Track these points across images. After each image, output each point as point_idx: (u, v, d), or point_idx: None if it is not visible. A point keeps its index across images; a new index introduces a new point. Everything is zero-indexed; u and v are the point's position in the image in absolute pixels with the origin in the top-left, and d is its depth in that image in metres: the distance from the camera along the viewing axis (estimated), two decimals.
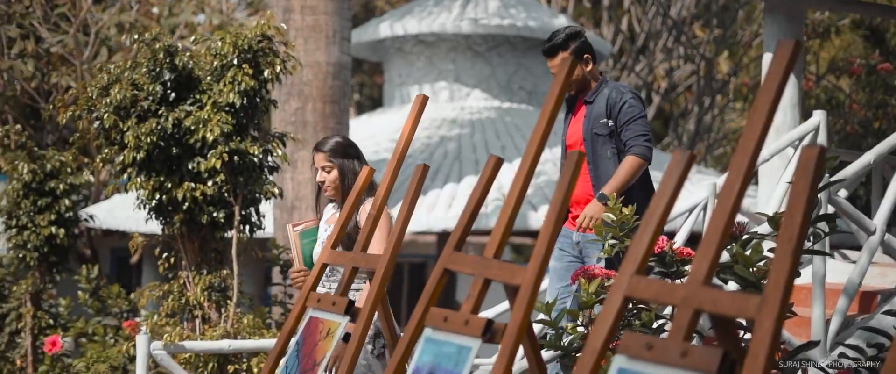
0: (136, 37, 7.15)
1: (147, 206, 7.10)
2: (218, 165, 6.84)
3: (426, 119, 14.22)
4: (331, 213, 5.33)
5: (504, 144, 13.71)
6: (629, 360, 2.79)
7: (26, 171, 10.15)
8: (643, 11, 22.08)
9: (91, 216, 11.25)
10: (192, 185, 6.91)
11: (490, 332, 3.29)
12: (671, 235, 6.13)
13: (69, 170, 10.38)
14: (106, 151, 7.04)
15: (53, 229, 10.17)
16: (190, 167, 6.94)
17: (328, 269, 5.09)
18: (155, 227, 7.59)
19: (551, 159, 13.01)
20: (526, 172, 3.50)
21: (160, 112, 6.91)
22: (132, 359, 8.41)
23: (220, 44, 6.95)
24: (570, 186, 3.26)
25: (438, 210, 11.82)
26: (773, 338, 2.48)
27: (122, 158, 6.93)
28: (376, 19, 16.44)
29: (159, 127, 6.82)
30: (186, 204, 6.91)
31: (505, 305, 6.49)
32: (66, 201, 10.32)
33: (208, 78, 7.03)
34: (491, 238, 3.53)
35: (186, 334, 6.87)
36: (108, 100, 6.90)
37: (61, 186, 10.26)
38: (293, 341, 4.39)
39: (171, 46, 6.93)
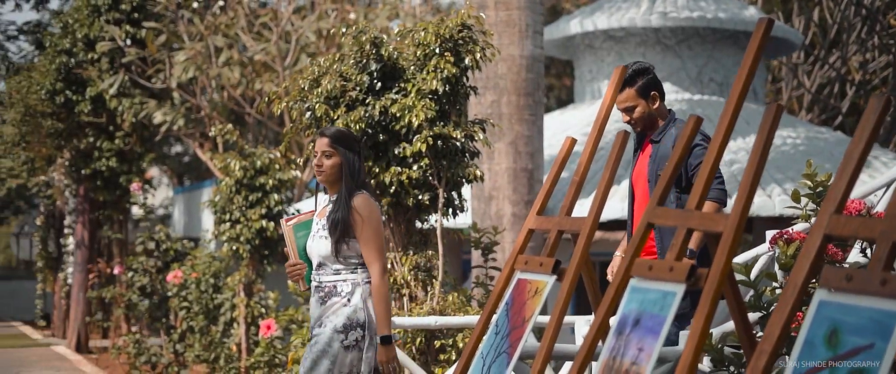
0: (343, 30, 7.56)
1: None
2: (423, 150, 7.15)
3: (615, 112, 14.28)
4: (323, 205, 5.41)
5: None
6: (830, 293, 2.93)
7: (238, 168, 10.73)
8: (835, 2, 21.67)
9: (298, 211, 11.77)
10: (399, 169, 7.24)
11: (694, 277, 3.47)
12: None
13: (278, 166, 10.93)
14: None
15: (263, 222, 10.73)
16: (396, 152, 7.28)
17: (317, 263, 5.28)
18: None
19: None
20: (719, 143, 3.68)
21: (367, 101, 7.28)
22: None
23: (423, 34, 7.28)
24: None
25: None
26: None
27: None
28: (566, 16, 16.64)
29: (367, 115, 7.19)
30: (393, 188, 7.24)
31: None
32: (275, 196, 10.87)
33: (412, 67, 7.37)
34: (692, 193, 3.73)
35: (394, 311, 7.20)
36: (318, 90, 7.31)
37: (270, 181, 10.82)
38: (502, 302, 4.65)
39: (377, 38, 7.30)
